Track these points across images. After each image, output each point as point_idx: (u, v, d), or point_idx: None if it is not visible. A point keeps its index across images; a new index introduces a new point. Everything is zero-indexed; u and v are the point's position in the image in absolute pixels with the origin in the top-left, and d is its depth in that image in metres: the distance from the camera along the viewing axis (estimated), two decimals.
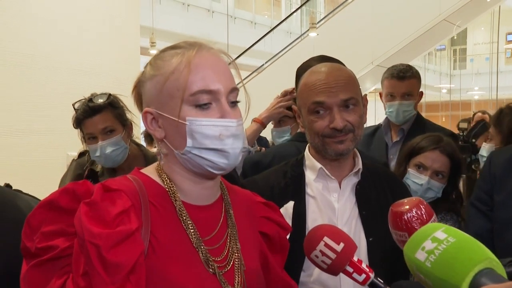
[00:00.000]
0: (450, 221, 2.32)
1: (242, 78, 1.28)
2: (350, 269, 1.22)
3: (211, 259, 1.16)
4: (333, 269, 1.24)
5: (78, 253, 1.03)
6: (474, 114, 7.21)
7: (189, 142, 1.14)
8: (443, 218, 2.33)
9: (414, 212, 1.28)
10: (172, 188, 1.19)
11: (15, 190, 1.51)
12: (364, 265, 1.23)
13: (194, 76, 1.14)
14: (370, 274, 1.22)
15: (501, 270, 0.80)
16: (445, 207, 2.37)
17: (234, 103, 1.19)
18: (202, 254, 1.15)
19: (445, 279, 0.80)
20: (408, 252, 0.88)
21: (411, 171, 2.36)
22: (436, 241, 0.84)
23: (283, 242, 1.39)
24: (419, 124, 3.08)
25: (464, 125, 6.71)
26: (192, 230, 1.16)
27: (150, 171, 1.23)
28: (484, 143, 3.44)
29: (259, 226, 1.34)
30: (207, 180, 1.21)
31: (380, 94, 3.30)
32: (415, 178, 2.33)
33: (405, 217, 1.28)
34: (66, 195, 1.09)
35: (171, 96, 1.15)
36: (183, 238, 1.15)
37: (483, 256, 0.80)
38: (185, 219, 1.16)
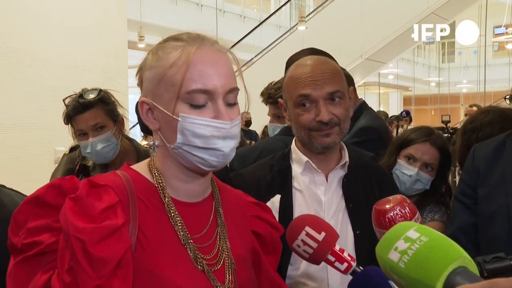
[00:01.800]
0: (438, 213, 2.34)
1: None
2: (332, 258, 1.23)
3: (199, 256, 1.15)
4: (315, 258, 1.25)
5: (64, 248, 1.02)
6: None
7: (179, 138, 1.13)
8: (432, 209, 2.35)
9: (397, 210, 1.29)
10: (161, 184, 1.18)
11: None
12: (346, 254, 1.23)
13: (192, 73, 1.11)
14: (352, 262, 1.23)
15: (473, 268, 0.80)
16: (434, 199, 2.39)
17: (232, 104, 1.16)
18: (191, 251, 1.14)
19: (419, 280, 0.79)
20: (380, 253, 0.86)
21: (401, 162, 2.37)
22: (408, 241, 0.83)
23: (276, 242, 1.38)
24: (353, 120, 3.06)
25: (446, 117, 6.80)
26: (180, 227, 1.15)
27: (140, 167, 1.22)
28: None
29: (250, 225, 1.33)
30: (198, 176, 1.20)
31: None
32: (404, 169, 2.35)
33: (389, 215, 1.28)
34: (52, 190, 1.09)
35: (166, 90, 1.13)
36: (171, 234, 1.14)
37: (456, 254, 0.79)
38: (173, 215, 1.15)
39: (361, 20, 9.98)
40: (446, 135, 4.13)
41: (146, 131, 2.41)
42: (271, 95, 2.73)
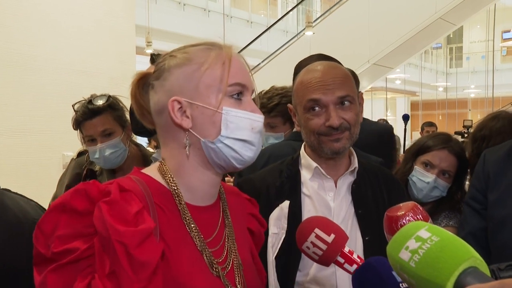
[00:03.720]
0: (453, 219, 2.33)
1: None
2: (341, 260, 1.24)
3: (214, 262, 1.16)
4: (325, 260, 1.25)
5: (101, 253, 1.01)
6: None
7: (223, 131, 1.15)
8: (447, 216, 2.34)
9: (410, 216, 1.28)
10: (176, 190, 1.17)
11: (3, 189, 1.50)
12: (355, 256, 1.24)
13: (233, 69, 1.18)
14: (361, 264, 1.23)
15: (484, 268, 0.79)
16: (450, 205, 2.37)
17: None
18: (207, 257, 1.15)
19: (430, 279, 0.79)
20: (391, 252, 0.86)
21: (418, 168, 2.35)
22: (420, 240, 0.83)
23: (261, 239, 1.42)
24: None
25: (468, 122, 6.79)
26: (195, 233, 1.15)
27: (151, 171, 1.21)
28: None
29: (247, 223, 1.35)
30: (218, 175, 1.22)
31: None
32: (421, 176, 2.33)
33: (401, 222, 1.28)
34: (78, 196, 1.06)
35: (207, 86, 1.16)
36: (188, 241, 1.14)
37: (467, 254, 0.79)
38: (189, 221, 1.15)
39: (369, 26, 9.98)
40: (463, 140, 4.08)
41: (139, 133, 2.42)
42: (263, 104, 2.69)
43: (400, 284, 1.03)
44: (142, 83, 1.24)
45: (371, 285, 1.13)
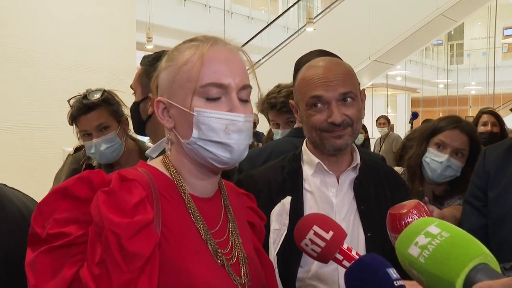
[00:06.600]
0: None
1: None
2: (340, 257, 1.23)
3: (219, 251, 1.17)
4: (323, 257, 1.24)
5: (94, 241, 1.02)
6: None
7: (195, 133, 1.14)
8: (461, 198, 2.34)
9: (414, 214, 1.28)
10: (180, 181, 1.19)
11: (1, 184, 1.50)
12: (354, 253, 1.23)
13: (206, 69, 1.15)
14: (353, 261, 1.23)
15: (495, 265, 0.78)
16: (463, 188, 2.36)
17: (245, 100, 1.19)
18: (211, 246, 1.16)
19: (439, 275, 0.78)
20: (400, 248, 0.86)
21: (431, 149, 2.41)
22: (429, 236, 0.82)
23: (262, 232, 1.43)
24: None
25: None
26: (200, 223, 1.17)
27: (156, 163, 1.24)
28: None
29: (247, 217, 1.37)
30: (211, 173, 1.22)
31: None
32: (434, 156, 2.39)
33: (405, 220, 1.27)
34: (81, 183, 1.08)
35: (181, 87, 1.16)
36: (192, 230, 1.16)
37: (478, 251, 0.78)
38: (193, 211, 1.17)
39: (369, 22, 9.97)
40: None
41: (140, 131, 2.42)
42: (285, 103, 2.69)
43: (395, 282, 1.01)
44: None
45: (364, 283, 1.11)
